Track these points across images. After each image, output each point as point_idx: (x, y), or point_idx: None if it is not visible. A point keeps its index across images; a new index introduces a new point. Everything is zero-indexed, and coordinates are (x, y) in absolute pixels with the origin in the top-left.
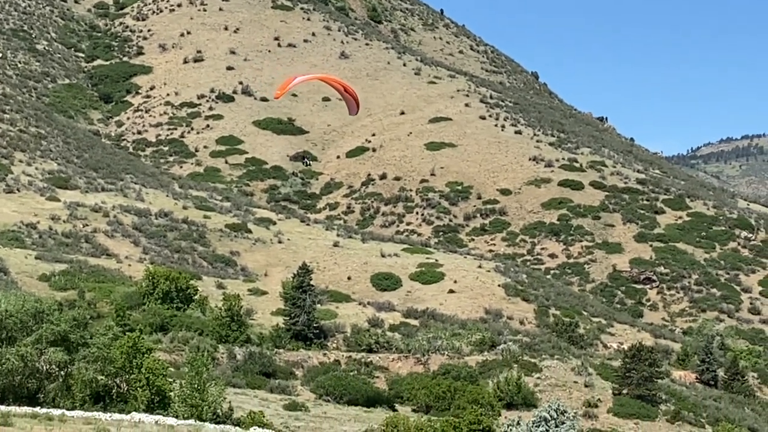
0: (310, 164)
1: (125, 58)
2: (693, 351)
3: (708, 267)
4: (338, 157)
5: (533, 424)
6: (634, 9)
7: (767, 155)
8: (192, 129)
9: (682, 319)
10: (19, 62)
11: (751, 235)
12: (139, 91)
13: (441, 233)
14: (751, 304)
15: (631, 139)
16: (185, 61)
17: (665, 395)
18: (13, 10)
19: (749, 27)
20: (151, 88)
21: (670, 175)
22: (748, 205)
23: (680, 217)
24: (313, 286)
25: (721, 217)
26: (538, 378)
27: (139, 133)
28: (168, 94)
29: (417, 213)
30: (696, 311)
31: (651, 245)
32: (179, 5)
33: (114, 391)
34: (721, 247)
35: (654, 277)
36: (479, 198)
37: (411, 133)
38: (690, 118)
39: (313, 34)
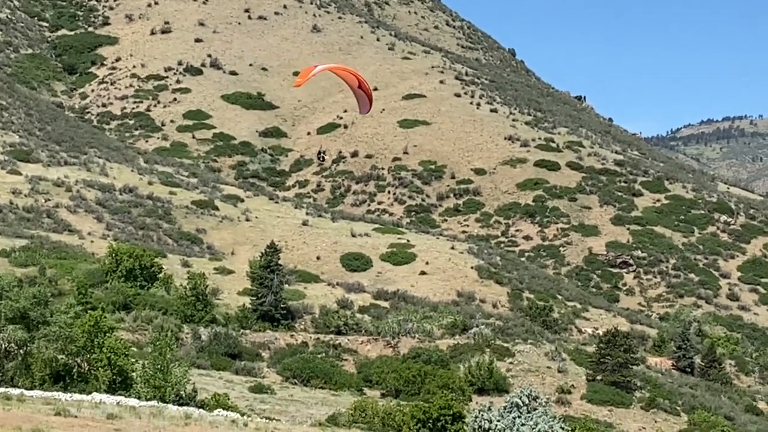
0: (324, 159)
1: (90, 29)
2: (669, 337)
3: (686, 251)
4: (309, 133)
5: (505, 410)
6: None
7: (748, 138)
8: (158, 102)
9: (658, 305)
10: None
11: (730, 219)
12: (105, 62)
13: (413, 213)
14: (729, 290)
15: (610, 120)
16: (152, 33)
17: (640, 382)
18: None
19: (732, 8)
20: (117, 60)
21: (648, 156)
22: (728, 188)
23: (658, 200)
24: (281, 265)
25: (700, 201)
26: (511, 363)
27: (104, 105)
28: (134, 66)
29: (389, 192)
30: (673, 296)
31: (628, 228)
32: None
33: (75, 370)
34: (699, 231)
35: (631, 261)
36: (453, 178)
37: (384, 109)
38: (670, 99)
39: (285, 7)
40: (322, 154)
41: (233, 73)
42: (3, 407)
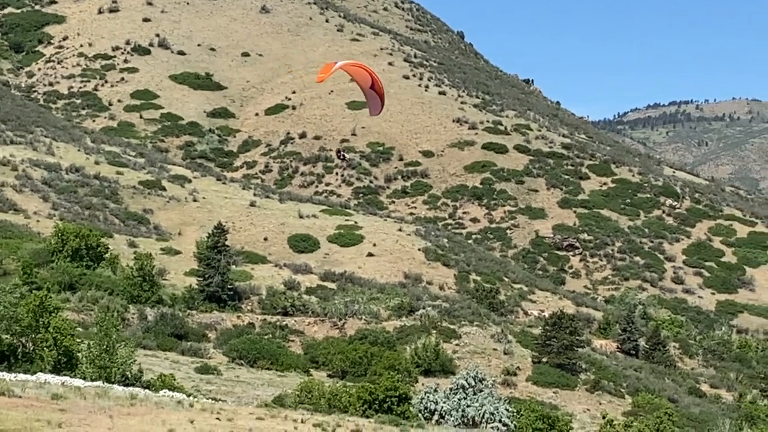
0: (345, 158)
1: (37, 7)
2: (614, 320)
3: (632, 235)
4: (257, 114)
5: (451, 391)
6: None
7: (694, 122)
8: (106, 82)
9: (604, 287)
10: None
11: (676, 203)
12: (52, 41)
13: (361, 195)
14: (674, 273)
15: (557, 103)
16: (100, 11)
17: (585, 364)
18: None
19: None
20: (64, 39)
21: (595, 140)
22: (673, 172)
23: (605, 184)
24: (228, 246)
25: (646, 184)
26: (457, 344)
27: (51, 84)
28: (81, 45)
29: (337, 174)
30: (619, 279)
31: (575, 211)
32: None
33: (20, 350)
34: (645, 214)
35: (577, 244)
36: (401, 160)
37: (332, 91)
38: (618, 83)
39: None
40: (342, 153)
41: (181, 53)
42: None
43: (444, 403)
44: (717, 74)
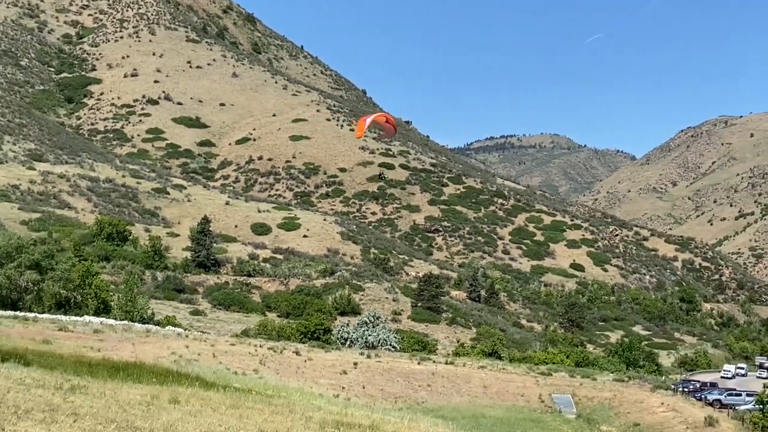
0: (384, 177)
1: (83, 72)
2: (465, 278)
3: (476, 222)
4: (230, 144)
5: (358, 325)
6: (431, 38)
7: (517, 149)
8: (129, 122)
9: (458, 257)
10: (8, 73)
11: (504, 201)
12: (93, 95)
13: (299, 197)
14: (503, 247)
15: (427, 136)
16: (125, 76)
17: (446, 307)
18: (3, 37)
19: (508, 49)
20: (101, 94)
21: (452, 161)
22: (503, 182)
23: (458, 189)
24: (211, 231)
25: (485, 190)
26: (362, 295)
27: (92, 124)
28: (113, 98)
29: (283, 183)
30: (467, 252)
31: (439, 207)
32: (121, 37)
33: (72, 301)
34: (485, 209)
35: (440, 229)
36: (325, 173)
37: (280, 128)
38: (467, 122)
39: (214, 60)
40: (382, 175)
41: (179, 103)
42: (23, 325)
43: (354, 333)
44: (532, 116)
